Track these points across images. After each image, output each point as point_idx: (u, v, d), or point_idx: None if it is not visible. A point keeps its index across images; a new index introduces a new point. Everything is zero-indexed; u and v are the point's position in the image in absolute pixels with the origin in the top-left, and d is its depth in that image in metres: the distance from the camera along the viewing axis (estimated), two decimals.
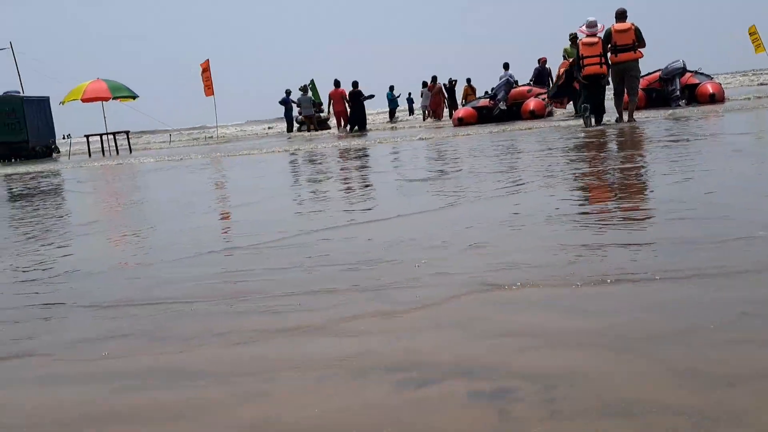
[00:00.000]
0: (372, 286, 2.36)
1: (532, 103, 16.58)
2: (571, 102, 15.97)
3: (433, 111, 24.56)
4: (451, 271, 2.46)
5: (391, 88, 27.52)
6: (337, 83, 21.46)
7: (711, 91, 14.34)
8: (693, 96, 14.60)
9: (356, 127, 20.77)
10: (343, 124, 21.55)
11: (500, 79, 17.70)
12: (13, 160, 22.09)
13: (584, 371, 1.49)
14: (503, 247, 2.81)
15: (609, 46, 10.85)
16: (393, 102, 27.74)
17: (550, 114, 17.03)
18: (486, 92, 18.73)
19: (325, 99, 22.87)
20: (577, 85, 14.42)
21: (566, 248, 2.62)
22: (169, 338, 1.99)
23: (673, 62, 14.91)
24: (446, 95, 24.88)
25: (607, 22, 11.05)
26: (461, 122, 17.18)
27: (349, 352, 1.74)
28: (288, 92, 24.12)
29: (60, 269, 3.19)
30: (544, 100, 16.72)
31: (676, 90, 14.51)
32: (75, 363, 1.86)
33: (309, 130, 23.31)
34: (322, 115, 24.08)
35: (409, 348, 1.73)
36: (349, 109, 21.12)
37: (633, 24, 10.80)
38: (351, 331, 1.89)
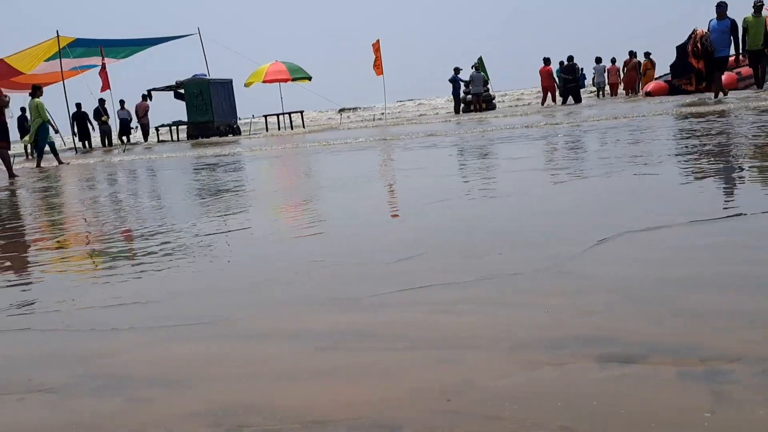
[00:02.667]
0: (567, 263, 2.31)
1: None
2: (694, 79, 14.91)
3: (624, 87, 24.49)
4: (650, 250, 2.36)
5: (561, 63, 26.73)
6: (546, 60, 22.77)
7: None
8: None
9: (568, 100, 22.55)
10: (550, 98, 23.27)
11: None
12: (200, 138, 23.65)
13: None
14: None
15: None
16: (562, 79, 26.98)
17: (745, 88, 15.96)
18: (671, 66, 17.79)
19: (492, 76, 23.27)
20: (693, 61, 13.40)
21: None
22: (362, 303, 2.06)
23: None
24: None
25: None
26: (649, 96, 16.57)
27: (543, 323, 1.71)
28: (457, 70, 24.01)
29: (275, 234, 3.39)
30: (738, 74, 15.64)
31: None
32: (278, 323, 1.96)
33: (476, 110, 23.16)
34: (491, 93, 23.94)
35: (606, 323, 1.68)
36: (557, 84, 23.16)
37: None
38: (543, 305, 1.86)
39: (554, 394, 1.32)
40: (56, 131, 16.33)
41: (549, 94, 23.60)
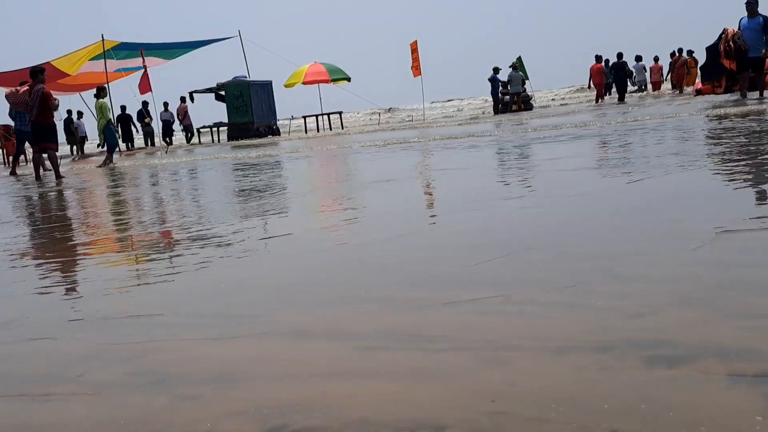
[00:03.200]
0: (608, 263, 2.28)
1: None
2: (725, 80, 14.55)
3: (675, 84, 24.55)
4: (697, 249, 2.32)
5: (606, 61, 26.42)
6: (598, 58, 23.39)
7: None
8: None
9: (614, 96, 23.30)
10: (601, 96, 23.78)
11: None
12: (239, 140, 23.85)
13: None
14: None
15: None
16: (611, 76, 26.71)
17: None
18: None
19: (532, 76, 23.46)
20: (725, 62, 12.85)
21: None
22: (405, 304, 2.06)
23: None
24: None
25: None
26: (699, 94, 16.35)
27: (589, 326, 1.69)
28: (496, 70, 23.86)
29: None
30: None
31: None
32: (320, 322, 1.97)
33: (513, 110, 23.01)
34: (530, 93, 23.82)
35: (652, 325, 1.65)
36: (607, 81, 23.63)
37: None
38: (588, 307, 1.84)
39: (601, 396, 1.30)
40: (115, 131, 16.85)
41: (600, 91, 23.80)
